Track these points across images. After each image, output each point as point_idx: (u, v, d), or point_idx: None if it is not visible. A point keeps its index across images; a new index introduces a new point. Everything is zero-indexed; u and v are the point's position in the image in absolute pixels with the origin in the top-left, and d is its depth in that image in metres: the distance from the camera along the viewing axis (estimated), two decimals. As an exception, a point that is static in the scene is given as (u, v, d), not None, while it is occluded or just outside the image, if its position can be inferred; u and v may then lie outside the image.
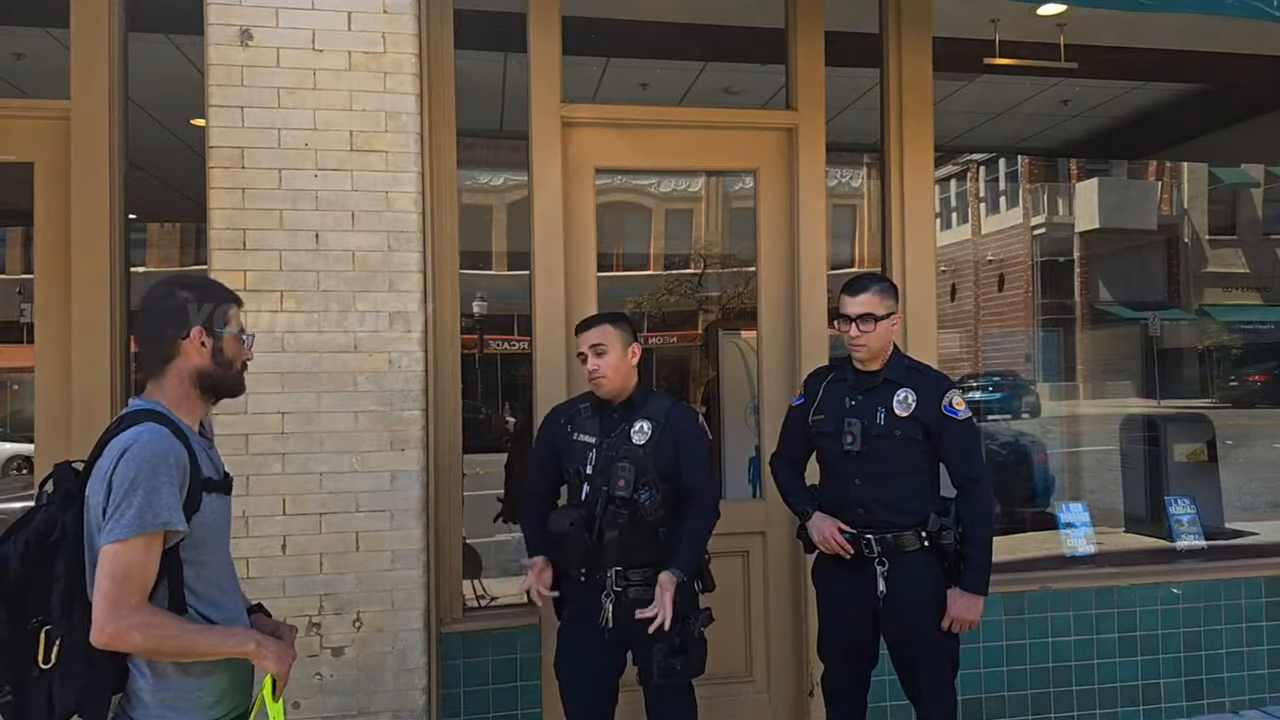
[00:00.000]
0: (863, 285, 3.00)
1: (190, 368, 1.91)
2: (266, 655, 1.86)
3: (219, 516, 1.91)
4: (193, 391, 1.92)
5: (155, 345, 1.91)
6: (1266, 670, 4.17)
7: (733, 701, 3.77)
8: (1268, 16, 3.16)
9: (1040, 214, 22.21)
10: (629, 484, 2.82)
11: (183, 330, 1.89)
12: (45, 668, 1.77)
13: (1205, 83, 5.63)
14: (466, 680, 3.52)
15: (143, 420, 1.82)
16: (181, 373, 1.91)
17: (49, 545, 1.81)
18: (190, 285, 1.97)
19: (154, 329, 1.92)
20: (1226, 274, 21.89)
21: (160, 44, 4.22)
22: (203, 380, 1.92)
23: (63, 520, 1.81)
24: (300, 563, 3.18)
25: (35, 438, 3.44)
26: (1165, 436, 5.46)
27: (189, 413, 1.92)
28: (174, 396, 1.90)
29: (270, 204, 3.21)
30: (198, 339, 1.90)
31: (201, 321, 1.90)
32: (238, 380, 1.99)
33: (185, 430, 1.87)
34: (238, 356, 1.98)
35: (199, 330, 1.90)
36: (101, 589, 1.73)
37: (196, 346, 1.90)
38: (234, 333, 1.96)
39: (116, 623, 1.72)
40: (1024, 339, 21.76)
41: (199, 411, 1.96)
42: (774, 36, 3.98)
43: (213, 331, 1.92)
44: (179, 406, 1.90)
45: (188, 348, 1.90)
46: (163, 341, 1.90)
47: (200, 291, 1.96)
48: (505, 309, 14.74)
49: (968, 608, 2.90)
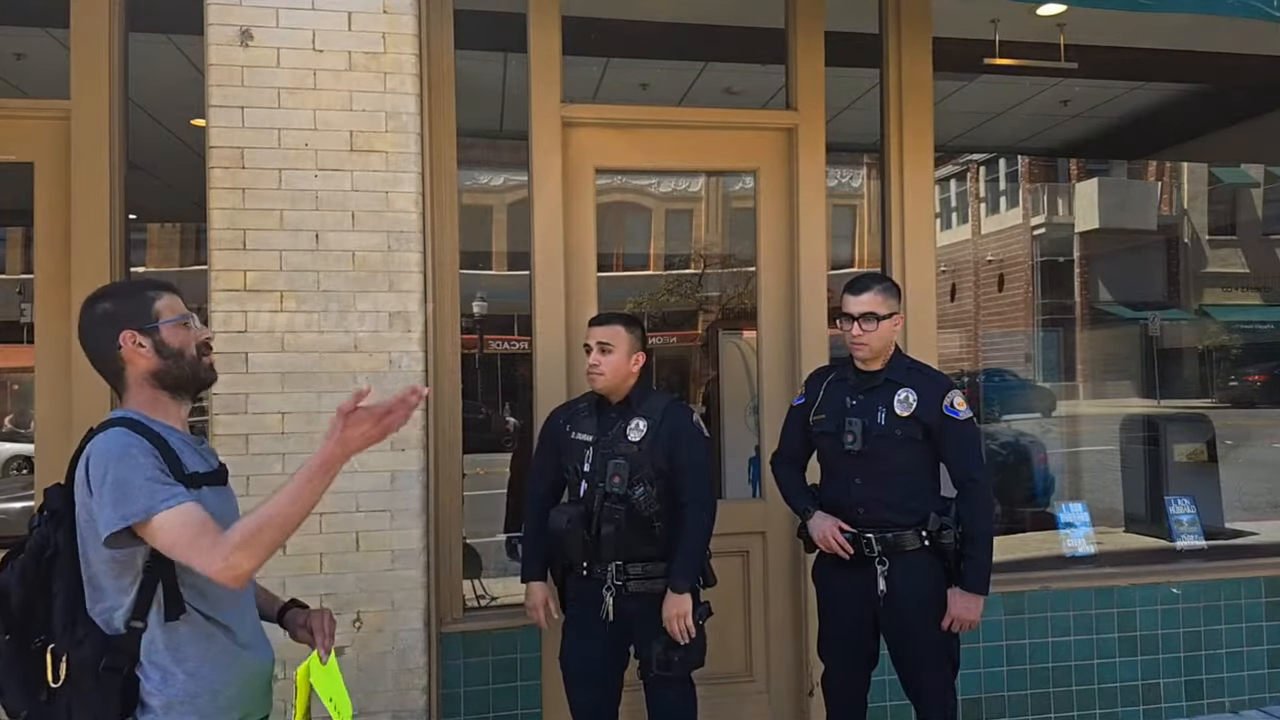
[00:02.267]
0: (865, 284, 3.01)
1: (141, 372, 1.85)
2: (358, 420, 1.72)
3: (218, 510, 1.86)
4: (158, 393, 1.86)
5: (101, 363, 1.87)
6: (1266, 670, 4.17)
7: (733, 701, 3.77)
8: (1267, 16, 3.17)
9: (1040, 214, 22.20)
10: (624, 480, 2.90)
11: (114, 340, 1.83)
12: (56, 686, 1.75)
13: (1205, 83, 5.63)
14: (467, 680, 3.52)
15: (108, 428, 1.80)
16: (137, 379, 1.85)
17: (45, 563, 1.79)
18: (108, 293, 1.93)
19: (92, 348, 1.87)
20: (1226, 274, 21.87)
21: (160, 44, 4.21)
22: (160, 379, 1.86)
23: (55, 538, 1.79)
24: (300, 563, 3.18)
25: (35, 438, 3.44)
26: (1165, 436, 5.46)
27: (165, 415, 1.87)
28: (143, 402, 1.86)
29: (270, 204, 3.21)
30: (130, 343, 1.83)
31: (128, 325, 1.83)
32: (196, 365, 1.89)
33: (160, 430, 1.82)
34: (187, 343, 1.88)
35: (128, 334, 1.83)
36: (177, 556, 1.72)
37: (133, 350, 1.83)
38: (170, 321, 1.86)
39: (214, 561, 1.67)
40: (1024, 339, 21.74)
41: (175, 410, 1.89)
42: (774, 36, 3.98)
43: (143, 329, 1.84)
44: (153, 411, 1.85)
45: (127, 355, 1.84)
46: (104, 358, 1.85)
47: (118, 296, 1.92)
48: (505, 309, 14.73)
49: (968, 607, 2.90)
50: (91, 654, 1.75)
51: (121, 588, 1.78)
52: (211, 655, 1.84)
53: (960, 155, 17.48)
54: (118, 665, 1.76)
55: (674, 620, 2.88)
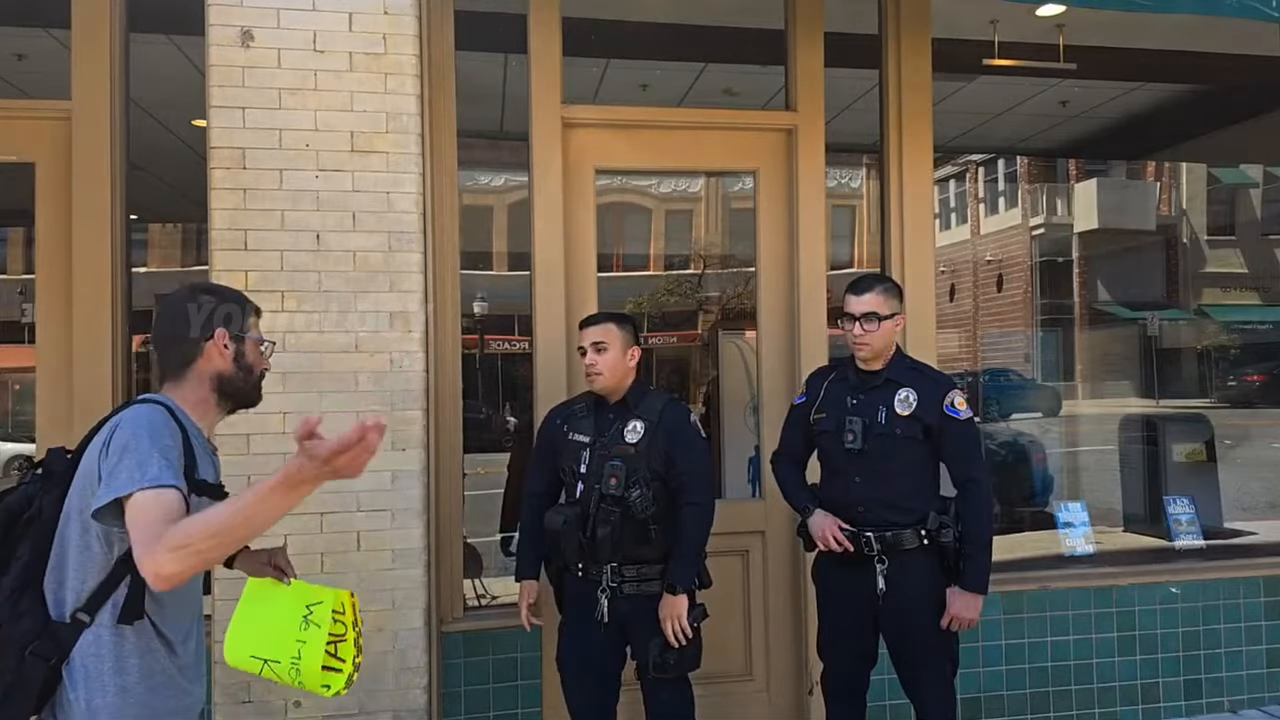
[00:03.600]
0: (868, 284, 3.01)
1: (211, 370, 1.89)
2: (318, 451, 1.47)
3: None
4: (211, 396, 1.90)
5: (176, 346, 1.89)
6: (1265, 670, 4.18)
7: (732, 701, 3.77)
8: (1266, 17, 3.17)
9: (1039, 214, 22.22)
10: (620, 482, 2.88)
11: (207, 332, 1.88)
12: None
13: (1204, 83, 5.63)
14: (467, 679, 3.53)
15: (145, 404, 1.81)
16: (202, 375, 1.89)
17: (19, 523, 1.77)
18: (214, 290, 1.98)
19: (175, 330, 1.89)
20: (1225, 274, 21.89)
21: (161, 44, 4.22)
22: (223, 384, 1.90)
23: (41, 501, 1.77)
24: (301, 562, 3.14)
25: (36, 438, 3.44)
26: (1164, 436, 5.47)
27: (203, 417, 1.90)
28: (191, 399, 1.88)
29: (271, 204, 3.22)
30: (221, 341, 1.89)
31: (225, 324, 1.89)
32: (256, 387, 1.97)
33: (189, 427, 1.84)
34: (258, 363, 1.97)
35: (223, 332, 1.89)
36: (134, 540, 1.62)
37: (220, 349, 1.89)
38: (256, 338, 1.96)
39: (146, 551, 1.58)
40: (1023, 339, 21.76)
41: (213, 417, 1.93)
42: (774, 37, 3.99)
43: (236, 335, 1.91)
44: (194, 409, 1.88)
45: (211, 349, 1.88)
46: (184, 342, 1.88)
47: (224, 296, 1.96)
48: (505, 309, 14.74)
49: (967, 606, 2.91)
50: (25, 632, 1.70)
51: (86, 573, 1.74)
52: (151, 675, 1.78)
53: (960, 155, 17.52)
54: (46, 654, 1.71)
55: (669, 621, 2.88)
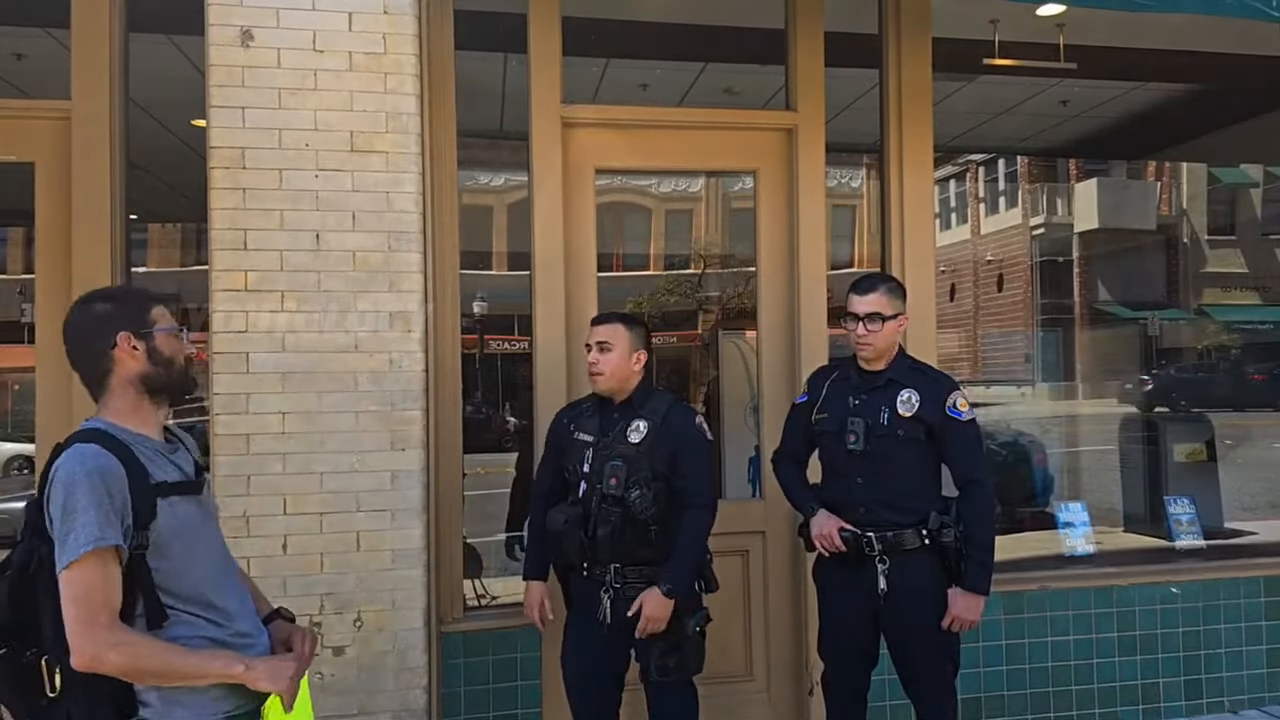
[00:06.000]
0: (871, 284, 3.01)
1: (130, 375, 1.86)
2: (259, 677, 1.80)
3: (189, 518, 1.86)
4: (141, 399, 1.88)
5: (88, 363, 1.87)
6: (1265, 670, 4.17)
7: (733, 701, 3.77)
8: (1267, 17, 3.17)
9: (1039, 214, 22.23)
10: (620, 482, 2.87)
11: (110, 340, 1.85)
12: (53, 696, 1.77)
13: (1205, 83, 5.63)
14: (467, 679, 3.52)
15: (74, 443, 1.80)
16: (124, 383, 1.86)
17: (30, 577, 1.79)
18: (106, 296, 1.96)
19: (80, 346, 1.87)
20: (1225, 274, 21.90)
21: (161, 44, 4.21)
22: (148, 384, 1.88)
23: (38, 552, 1.79)
24: (301, 562, 3.18)
25: (36, 438, 3.44)
26: (1164, 436, 5.47)
27: (143, 421, 1.88)
28: (124, 409, 1.86)
29: (271, 204, 3.22)
30: (126, 344, 1.85)
31: (125, 327, 1.86)
32: (183, 377, 1.94)
33: (130, 441, 1.82)
34: (177, 352, 1.92)
35: (125, 335, 1.85)
36: (69, 616, 1.70)
37: (128, 352, 1.86)
38: (165, 330, 1.91)
39: (92, 645, 1.69)
40: (1023, 339, 21.77)
41: (153, 418, 1.91)
42: (774, 36, 3.99)
43: (139, 333, 1.87)
44: (129, 418, 1.86)
45: (121, 356, 1.85)
46: (93, 356, 1.86)
47: (117, 299, 1.94)
48: (505, 309, 14.73)
49: (968, 607, 2.91)
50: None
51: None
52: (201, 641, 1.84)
53: (960, 155, 17.52)
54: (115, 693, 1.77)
55: (646, 622, 2.83)
